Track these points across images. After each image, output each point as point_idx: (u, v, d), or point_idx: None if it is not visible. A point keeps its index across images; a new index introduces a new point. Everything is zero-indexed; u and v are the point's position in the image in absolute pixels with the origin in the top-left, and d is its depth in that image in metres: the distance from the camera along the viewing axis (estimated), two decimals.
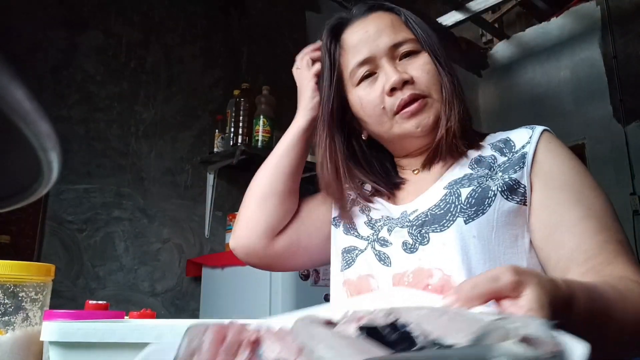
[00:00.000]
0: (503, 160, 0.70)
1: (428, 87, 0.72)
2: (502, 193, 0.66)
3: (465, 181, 0.69)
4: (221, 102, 2.33)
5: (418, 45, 0.75)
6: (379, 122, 0.75)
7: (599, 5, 3.24)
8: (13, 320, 0.70)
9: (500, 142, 0.73)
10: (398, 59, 0.74)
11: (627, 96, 2.96)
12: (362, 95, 0.75)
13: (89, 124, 1.95)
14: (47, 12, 1.91)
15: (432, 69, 0.73)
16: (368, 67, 0.75)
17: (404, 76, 0.72)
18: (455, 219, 0.66)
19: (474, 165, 0.72)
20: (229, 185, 2.33)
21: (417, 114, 0.72)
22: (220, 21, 2.45)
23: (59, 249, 1.81)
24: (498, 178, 0.68)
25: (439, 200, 0.69)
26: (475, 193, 0.67)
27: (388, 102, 0.73)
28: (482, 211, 0.65)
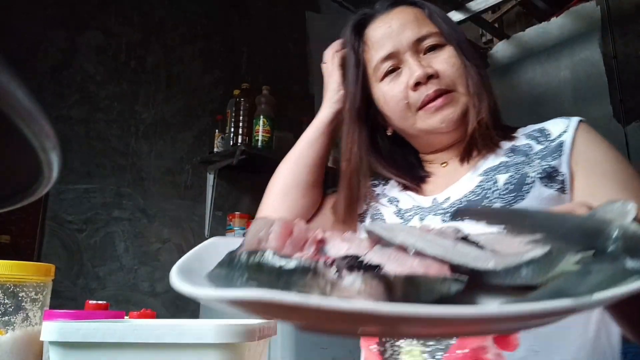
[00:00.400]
0: (540, 148, 0.69)
1: (453, 81, 0.71)
2: (541, 180, 0.65)
3: (501, 168, 0.68)
4: (221, 102, 2.33)
5: (442, 39, 0.73)
6: (403, 117, 0.74)
7: (599, 5, 3.24)
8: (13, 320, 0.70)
9: (534, 132, 0.72)
10: (422, 53, 0.73)
11: (627, 96, 2.96)
12: (385, 91, 0.74)
13: (89, 124, 1.95)
14: (47, 12, 1.91)
15: (457, 62, 0.72)
16: (392, 62, 0.74)
17: (428, 70, 0.70)
18: (493, 204, 0.64)
19: (509, 154, 0.70)
20: (229, 185, 2.33)
21: (442, 109, 0.70)
22: (220, 21, 2.45)
23: (59, 249, 1.81)
24: (536, 165, 0.66)
25: (474, 186, 0.68)
26: (513, 179, 0.65)
27: (412, 97, 0.72)
28: (521, 197, 0.64)
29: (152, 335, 0.43)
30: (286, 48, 2.72)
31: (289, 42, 2.74)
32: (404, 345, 0.61)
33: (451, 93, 0.71)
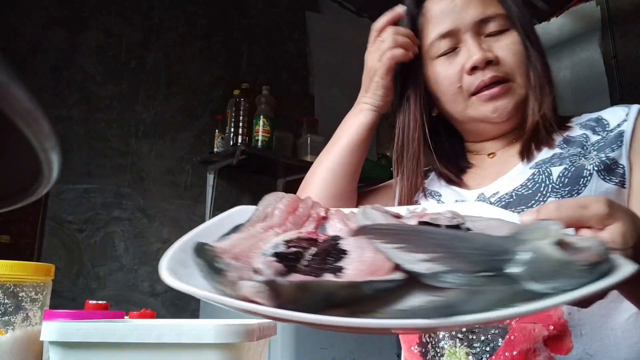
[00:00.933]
0: (597, 138, 0.64)
1: (513, 70, 0.66)
2: (598, 173, 0.60)
3: (555, 160, 0.63)
4: (221, 102, 2.33)
5: (508, 23, 0.68)
6: (454, 101, 0.69)
7: (599, 5, 3.24)
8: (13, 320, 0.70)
9: (590, 121, 0.67)
10: (484, 35, 0.68)
11: (627, 96, 2.96)
12: (439, 71, 0.70)
13: (89, 124, 1.95)
14: (47, 12, 1.91)
15: (520, 50, 0.67)
16: (450, 40, 0.68)
17: (488, 55, 0.65)
18: (546, 199, 0.59)
19: (563, 145, 0.65)
20: (229, 185, 2.33)
21: (497, 98, 0.66)
22: (220, 21, 2.45)
23: (59, 249, 1.81)
24: (593, 157, 0.61)
25: (525, 180, 0.63)
26: (568, 172, 0.60)
27: (466, 81, 0.67)
28: (577, 191, 0.59)
29: (151, 335, 0.43)
30: (286, 48, 2.72)
31: (289, 42, 2.74)
32: (448, 347, 0.59)
33: (508, 83, 0.66)
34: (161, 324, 0.52)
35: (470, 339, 0.57)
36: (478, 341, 0.57)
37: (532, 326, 0.55)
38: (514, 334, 0.56)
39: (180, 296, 2.08)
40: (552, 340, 0.54)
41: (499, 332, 0.56)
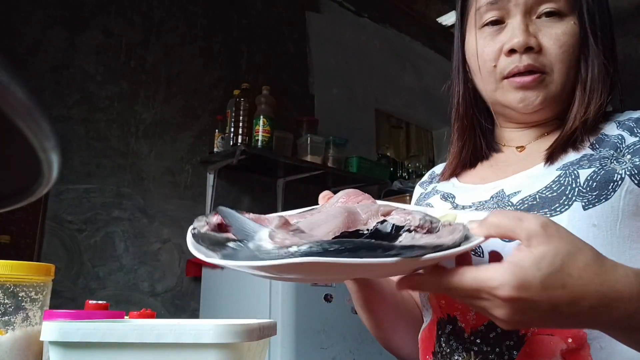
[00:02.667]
0: (633, 140, 0.59)
1: (552, 63, 0.61)
2: (631, 177, 0.55)
3: (584, 162, 0.59)
4: (221, 102, 2.33)
5: (568, 7, 0.62)
6: (486, 79, 0.66)
7: None
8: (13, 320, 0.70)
9: (630, 121, 0.63)
10: (536, 15, 0.62)
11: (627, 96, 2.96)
12: (480, 44, 0.65)
13: (89, 124, 1.95)
14: (47, 12, 1.91)
15: (569, 42, 0.61)
16: (497, 12, 0.63)
17: (530, 41, 0.61)
18: (572, 203, 0.55)
19: (595, 145, 0.60)
20: (229, 185, 2.33)
21: (527, 89, 0.62)
22: (220, 21, 2.45)
23: (59, 249, 1.81)
24: (626, 161, 0.57)
25: (551, 182, 0.59)
26: (597, 175, 0.56)
27: (502, 62, 0.63)
28: (605, 197, 0.55)
29: (151, 335, 0.43)
30: (286, 48, 2.72)
31: (289, 42, 2.74)
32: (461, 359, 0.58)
33: (544, 74, 0.61)
34: (161, 324, 0.52)
35: (484, 351, 0.56)
36: (493, 353, 0.55)
37: (549, 338, 0.53)
38: (530, 347, 0.53)
39: (180, 296, 2.08)
40: (570, 353, 0.52)
41: (514, 344, 0.54)
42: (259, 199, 2.43)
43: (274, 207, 2.46)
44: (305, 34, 2.81)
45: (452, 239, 0.39)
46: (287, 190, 2.52)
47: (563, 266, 0.38)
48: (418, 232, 0.42)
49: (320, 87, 2.80)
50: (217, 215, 0.46)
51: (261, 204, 2.42)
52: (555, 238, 0.38)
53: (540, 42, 0.61)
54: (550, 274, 0.37)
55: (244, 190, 2.39)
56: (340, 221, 0.43)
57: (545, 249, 0.38)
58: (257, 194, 2.43)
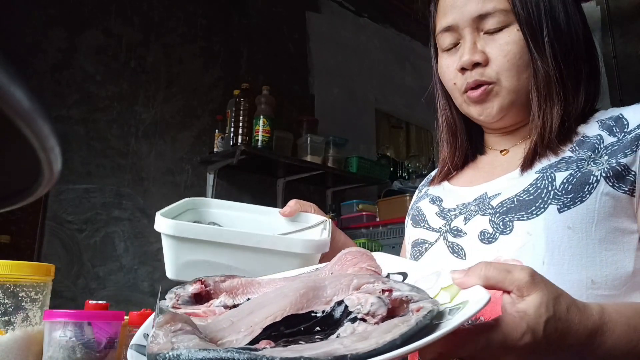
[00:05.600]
0: (611, 141, 0.60)
1: (498, 73, 0.64)
2: (606, 179, 0.56)
3: (562, 164, 0.60)
4: (221, 102, 2.33)
5: (508, 18, 0.64)
6: (453, 95, 0.71)
7: (599, 5, 3.24)
8: (13, 320, 0.70)
9: (610, 120, 0.63)
10: (483, 31, 0.65)
11: (627, 96, 2.96)
12: (442, 65, 0.70)
13: (89, 124, 1.95)
14: (47, 12, 1.91)
15: (513, 50, 0.63)
16: (451, 35, 0.68)
17: (475, 58, 0.64)
18: (547, 206, 0.57)
19: (575, 148, 0.62)
20: (229, 185, 2.33)
21: (480, 102, 0.66)
22: (220, 21, 2.45)
23: (59, 249, 1.81)
24: (603, 162, 0.58)
25: (528, 185, 0.60)
26: (572, 178, 0.57)
27: (459, 80, 0.67)
28: (580, 199, 0.56)
29: (252, 241, 0.55)
30: (286, 48, 2.72)
31: (289, 42, 2.74)
32: None
33: (491, 85, 0.64)
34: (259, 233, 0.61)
35: None
36: None
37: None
38: None
39: None
40: None
41: None
42: (259, 199, 2.43)
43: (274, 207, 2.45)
44: (305, 34, 2.81)
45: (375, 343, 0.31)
46: (287, 190, 2.52)
47: (554, 310, 0.40)
48: (365, 322, 0.36)
49: (320, 87, 2.80)
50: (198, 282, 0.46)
51: (261, 204, 2.39)
52: (542, 285, 0.41)
53: (488, 55, 0.64)
54: (548, 318, 0.39)
55: (244, 190, 2.39)
56: (287, 302, 0.38)
57: (539, 297, 0.40)
58: (257, 194, 2.43)
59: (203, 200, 0.74)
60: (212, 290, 0.45)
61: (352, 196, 2.73)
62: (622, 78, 3.01)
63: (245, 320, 0.37)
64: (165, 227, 0.58)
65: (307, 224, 0.74)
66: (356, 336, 0.33)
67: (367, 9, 3.20)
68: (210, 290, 0.45)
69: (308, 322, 0.37)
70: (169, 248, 0.59)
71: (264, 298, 0.42)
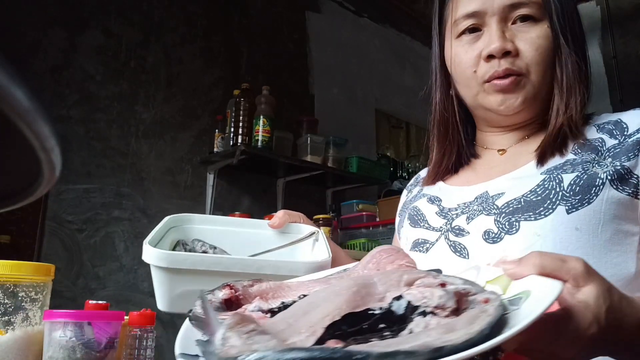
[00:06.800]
0: (613, 143, 0.61)
1: (529, 65, 0.64)
2: (611, 182, 0.58)
3: (567, 166, 0.60)
4: (221, 102, 2.33)
5: (540, 12, 0.64)
6: (467, 84, 0.68)
7: (599, 5, 3.24)
8: (13, 320, 0.70)
9: (609, 124, 0.65)
10: (511, 22, 0.65)
11: (627, 96, 2.96)
12: (458, 52, 0.68)
13: (89, 124, 1.95)
14: (47, 12, 1.91)
15: (544, 45, 0.64)
16: (474, 20, 0.66)
17: (507, 46, 0.63)
18: (556, 207, 0.57)
19: (577, 150, 0.62)
20: (229, 185, 2.33)
21: (507, 92, 0.64)
22: (220, 21, 2.45)
23: (59, 249, 1.81)
24: (607, 164, 0.59)
25: (535, 185, 0.60)
26: (579, 180, 0.58)
27: (482, 67, 0.66)
28: (587, 201, 0.57)
29: (252, 267, 0.53)
30: (286, 48, 2.72)
31: (289, 42, 2.74)
32: None
33: (521, 77, 0.64)
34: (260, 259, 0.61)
35: None
36: None
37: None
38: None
39: None
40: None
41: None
42: (259, 199, 2.43)
43: (274, 207, 2.45)
44: (305, 34, 2.81)
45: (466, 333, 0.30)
46: (287, 190, 2.52)
47: (610, 301, 0.39)
48: (436, 316, 0.34)
49: (320, 87, 2.80)
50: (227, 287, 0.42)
51: (261, 204, 2.42)
52: (596, 276, 0.40)
53: (517, 46, 0.64)
54: (607, 309, 0.39)
55: (244, 190, 2.39)
56: (342, 300, 0.36)
57: (595, 287, 0.39)
58: (257, 194, 2.43)
59: (186, 217, 0.70)
60: (241, 295, 0.43)
61: (352, 196, 2.73)
62: (622, 78, 3.01)
63: (302, 321, 0.35)
64: (156, 259, 0.53)
65: (297, 235, 0.71)
66: (441, 328, 0.32)
67: (367, 9, 3.20)
68: (239, 295, 0.43)
69: (369, 320, 0.35)
70: (160, 280, 0.54)
71: (315, 297, 0.39)
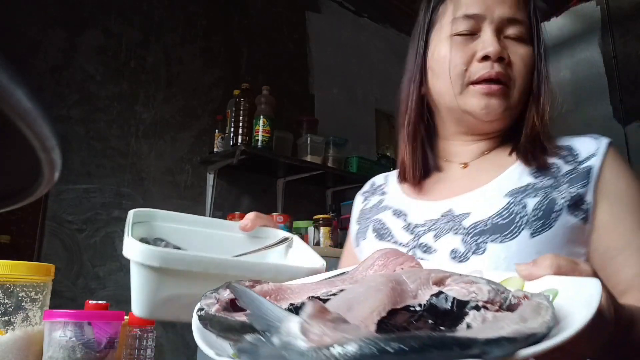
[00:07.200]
0: (567, 169, 0.65)
1: (516, 77, 0.67)
2: (568, 208, 0.62)
3: (530, 191, 0.64)
4: (221, 102, 2.33)
5: (528, 35, 0.69)
6: (453, 82, 0.69)
7: (599, 5, 3.24)
8: (13, 320, 0.70)
9: (562, 150, 0.68)
10: (503, 35, 0.68)
11: (627, 96, 2.96)
12: (451, 49, 0.69)
13: (89, 124, 1.95)
14: (47, 12, 1.91)
15: (530, 63, 0.68)
16: (472, 23, 0.68)
17: (504, 52, 0.66)
18: (521, 230, 0.61)
19: (536, 174, 0.66)
20: (229, 185, 2.33)
21: (492, 96, 0.66)
22: (220, 21, 2.45)
23: (59, 249, 1.81)
24: (564, 190, 0.63)
25: (501, 208, 0.63)
26: (542, 205, 0.62)
27: (474, 67, 0.67)
28: (549, 225, 0.61)
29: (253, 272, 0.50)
30: (286, 48, 2.72)
31: (289, 42, 2.74)
32: None
33: (508, 87, 0.67)
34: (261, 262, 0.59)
35: None
36: None
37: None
38: None
39: None
40: None
41: None
42: (259, 199, 2.43)
43: (274, 207, 2.45)
44: (305, 34, 2.81)
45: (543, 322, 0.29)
46: (287, 190, 2.52)
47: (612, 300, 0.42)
48: (488, 310, 0.34)
49: (320, 87, 2.80)
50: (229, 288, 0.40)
51: (261, 204, 2.42)
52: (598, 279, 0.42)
53: (509, 57, 0.67)
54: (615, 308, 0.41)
55: (244, 190, 2.39)
56: (384, 296, 0.35)
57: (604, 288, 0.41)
58: (257, 194, 2.43)
59: (149, 212, 0.64)
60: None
61: (352, 196, 2.70)
62: (622, 78, 3.01)
63: (349, 317, 0.34)
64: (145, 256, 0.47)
65: (268, 240, 0.68)
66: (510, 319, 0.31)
67: (367, 9, 3.20)
68: None
69: (415, 315, 0.35)
70: (145, 281, 0.48)
71: (353, 293, 0.38)
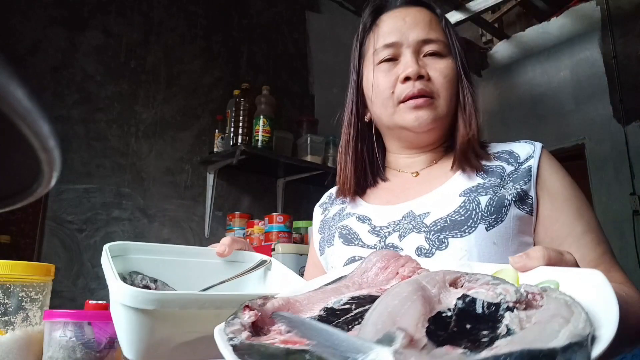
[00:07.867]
0: (511, 169, 0.73)
1: (439, 90, 0.75)
2: (515, 202, 0.70)
3: (480, 190, 0.72)
4: (221, 102, 2.33)
5: (446, 50, 0.77)
6: (385, 105, 0.77)
7: (599, 5, 3.24)
8: (13, 320, 0.70)
9: (504, 153, 0.77)
10: (422, 55, 0.77)
11: (627, 96, 2.96)
12: (378, 76, 0.78)
13: (89, 124, 1.95)
14: (47, 12, 1.91)
15: (450, 74, 0.76)
16: (392, 51, 0.77)
17: (421, 70, 0.74)
18: (477, 225, 0.68)
19: (483, 175, 0.74)
20: (229, 185, 2.33)
21: (420, 109, 0.74)
22: (220, 21, 2.45)
23: (59, 249, 1.81)
24: (510, 187, 0.71)
25: (458, 207, 0.71)
26: (493, 201, 0.70)
27: (398, 89, 0.75)
28: (500, 219, 0.69)
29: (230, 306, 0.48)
30: (286, 48, 2.72)
31: (289, 42, 2.74)
32: None
33: (433, 99, 0.75)
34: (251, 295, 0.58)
35: None
36: None
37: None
38: None
39: None
40: None
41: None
42: (259, 199, 2.43)
43: (274, 207, 2.46)
44: (305, 34, 2.81)
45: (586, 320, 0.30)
46: (287, 190, 2.52)
47: None
48: (519, 310, 0.34)
49: (320, 87, 2.80)
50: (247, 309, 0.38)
51: (261, 204, 2.42)
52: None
53: (429, 73, 0.75)
54: None
55: (244, 190, 2.39)
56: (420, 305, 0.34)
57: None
58: (257, 194, 2.43)
59: (123, 245, 0.62)
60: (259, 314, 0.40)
61: None
62: (622, 78, 3.01)
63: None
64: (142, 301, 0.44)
65: (245, 264, 0.68)
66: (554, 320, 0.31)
67: None
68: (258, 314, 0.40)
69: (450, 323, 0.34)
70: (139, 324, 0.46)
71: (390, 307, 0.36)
